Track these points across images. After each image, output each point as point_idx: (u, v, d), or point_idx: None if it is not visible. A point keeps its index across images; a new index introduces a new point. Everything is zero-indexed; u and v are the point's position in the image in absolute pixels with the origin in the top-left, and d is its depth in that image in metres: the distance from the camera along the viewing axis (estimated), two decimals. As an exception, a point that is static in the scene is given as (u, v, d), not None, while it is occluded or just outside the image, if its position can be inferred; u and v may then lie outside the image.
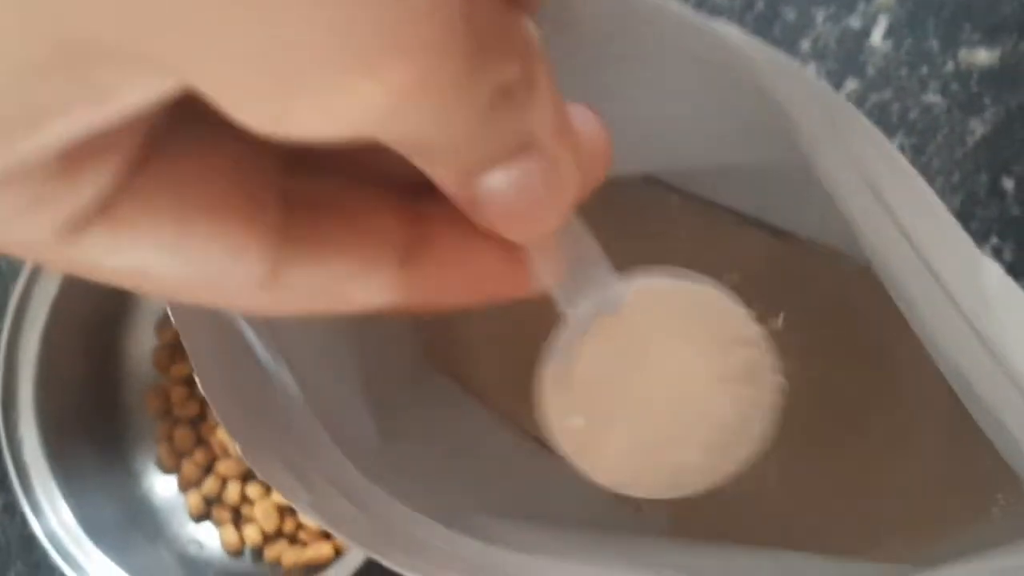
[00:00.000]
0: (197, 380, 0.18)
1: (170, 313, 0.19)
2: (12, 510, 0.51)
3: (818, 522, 0.26)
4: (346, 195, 0.15)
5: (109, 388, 0.47)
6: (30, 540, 0.50)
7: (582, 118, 0.15)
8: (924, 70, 0.44)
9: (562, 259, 0.17)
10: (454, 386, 0.29)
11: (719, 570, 0.20)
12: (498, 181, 0.14)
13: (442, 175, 0.14)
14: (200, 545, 0.46)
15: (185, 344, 0.18)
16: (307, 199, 0.14)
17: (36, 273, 0.42)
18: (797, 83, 0.18)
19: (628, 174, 0.25)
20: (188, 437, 0.47)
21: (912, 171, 0.18)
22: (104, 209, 0.13)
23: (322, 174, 0.15)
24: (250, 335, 0.20)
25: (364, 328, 0.26)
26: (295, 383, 0.20)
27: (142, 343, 0.48)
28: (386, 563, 0.18)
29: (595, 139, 0.15)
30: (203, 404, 0.47)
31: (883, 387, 0.27)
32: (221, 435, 0.46)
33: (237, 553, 0.45)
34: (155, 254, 0.13)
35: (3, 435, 0.43)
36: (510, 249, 0.16)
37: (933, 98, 0.44)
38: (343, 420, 0.21)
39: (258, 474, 0.17)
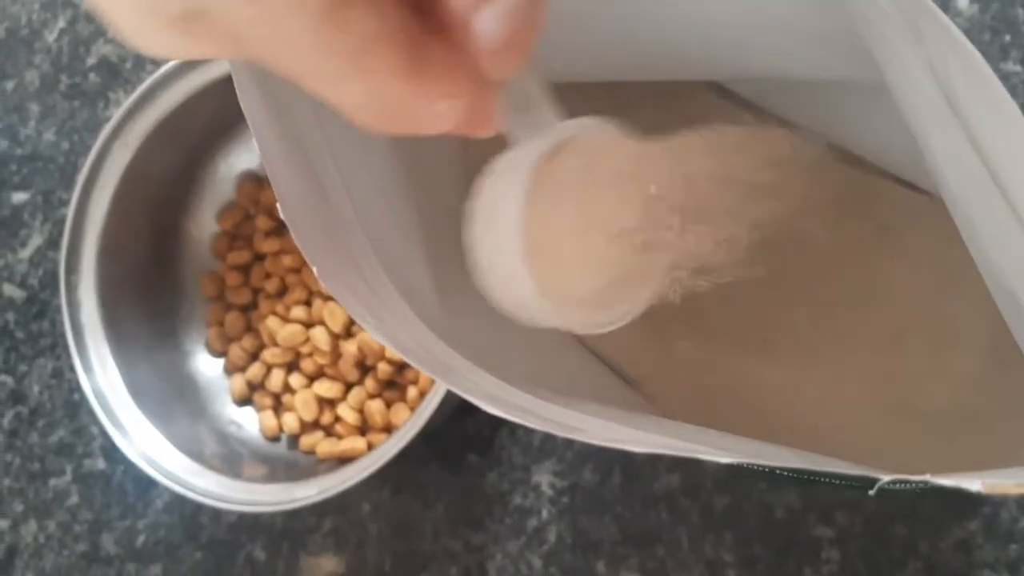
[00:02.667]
0: (279, 207, 0.18)
1: (257, 144, 0.19)
2: (60, 376, 0.53)
3: (849, 438, 0.26)
4: None
5: (167, 266, 0.48)
6: (75, 407, 0.52)
7: None
8: (1007, 38, 0.43)
9: (513, 102, 0.19)
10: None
11: (746, 454, 0.20)
12: (492, 11, 0.16)
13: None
14: (239, 426, 0.47)
15: (269, 174, 0.18)
16: None
17: (110, 141, 0.43)
18: None
19: (700, 79, 0.26)
20: (238, 323, 0.48)
21: (994, 79, 0.18)
22: None
23: None
24: (324, 175, 0.20)
25: (422, 183, 0.26)
26: (363, 230, 0.21)
27: (203, 227, 0.49)
28: (449, 385, 0.19)
29: None
30: (255, 292, 0.48)
31: (926, 311, 0.27)
32: (270, 324, 0.47)
33: (274, 438, 0.47)
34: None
35: (63, 295, 0.44)
36: (484, 84, 0.18)
37: (1013, 67, 0.43)
38: (406, 272, 0.21)
39: (333, 295, 0.18)
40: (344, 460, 0.44)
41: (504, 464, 0.46)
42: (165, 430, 0.44)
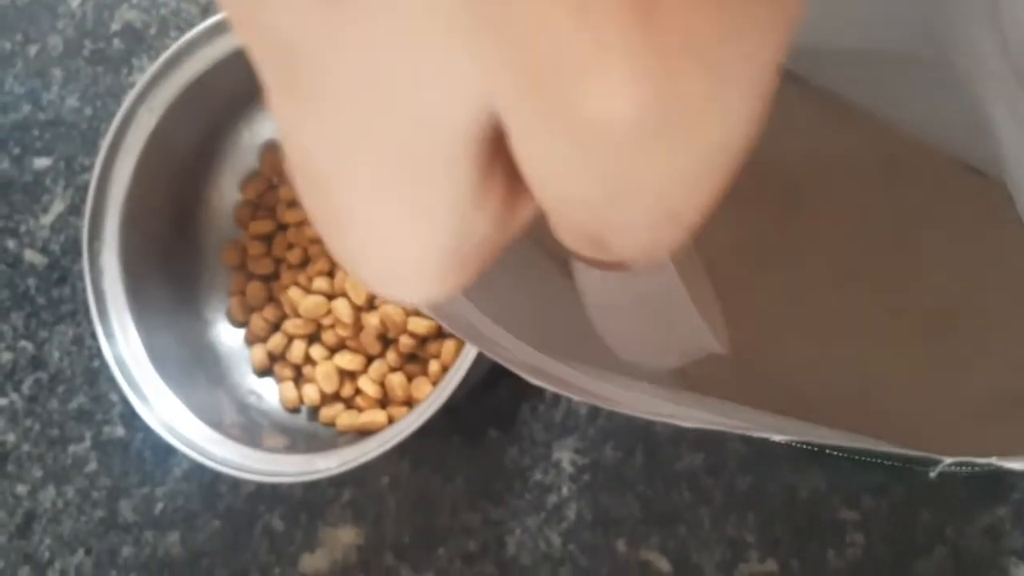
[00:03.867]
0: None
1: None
2: (80, 343, 0.53)
3: (888, 419, 0.26)
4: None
5: (190, 235, 0.48)
6: (95, 374, 0.52)
7: None
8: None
9: None
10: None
11: (799, 432, 0.19)
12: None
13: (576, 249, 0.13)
14: (259, 397, 0.47)
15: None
16: None
17: (135, 106, 0.43)
18: None
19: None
20: (260, 293, 0.48)
21: None
22: None
23: None
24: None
25: None
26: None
27: (226, 196, 0.49)
28: (487, 352, 0.18)
29: None
30: (277, 263, 0.48)
31: (974, 292, 0.26)
32: (292, 294, 0.46)
33: (294, 410, 0.46)
34: None
35: (86, 262, 0.44)
36: None
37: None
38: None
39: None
40: (364, 433, 0.44)
41: (525, 440, 0.46)
42: (185, 398, 0.43)
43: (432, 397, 0.39)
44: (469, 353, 0.39)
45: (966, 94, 0.19)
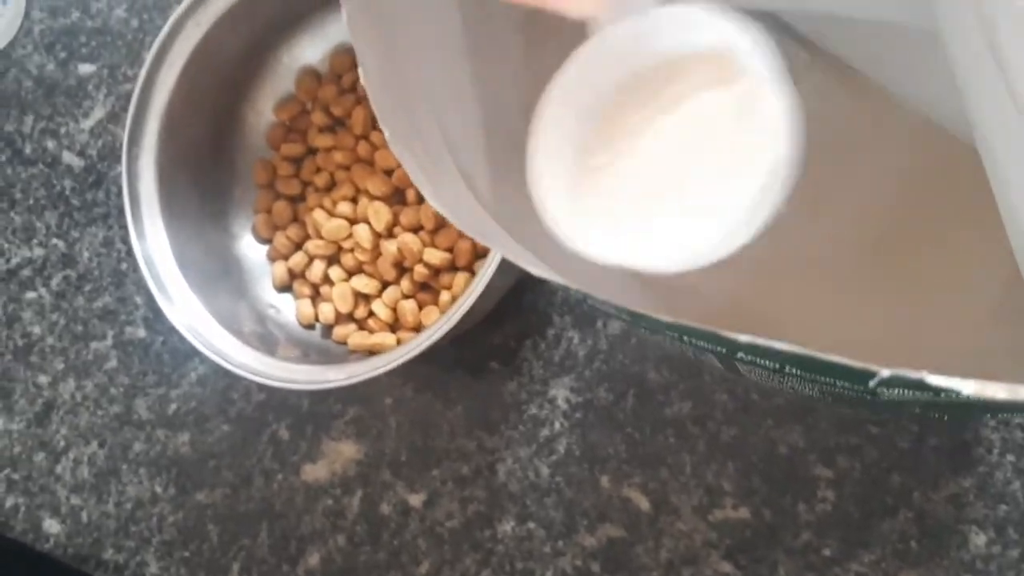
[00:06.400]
0: (360, 72, 0.20)
1: (345, 17, 0.20)
2: (110, 245, 0.55)
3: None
4: None
5: (224, 149, 0.50)
6: (122, 276, 0.54)
7: None
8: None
9: None
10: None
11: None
12: None
13: None
14: (277, 311, 0.49)
15: (354, 42, 0.20)
16: None
17: (183, 18, 0.45)
18: None
19: (761, 7, 0.26)
20: (286, 212, 0.50)
21: None
22: None
23: None
24: (401, 48, 0.21)
25: (485, 75, 0.27)
26: (431, 107, 0.22)
27: (261, 115, 0.51)
28: (501, 252, 0.20)
29: None
30: (304, 185, 0.50)
31: (945, 253, 0.28)
32: (316, 216, 0.48)
33: (309, 326, 0.49)
34: None
35: (124, 165, 0.46)
36: None
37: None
38: (465, 157, 0.23)
39: (399, 159, 0.19)
40: (373, 353, 0.46)
41: (524, 375, 0.48)
42: (208, 304, 0.46)
43: (440, 322, 0.42)
44: (478, 286, 0.41)
45: (950, 66, 0.21)
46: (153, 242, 0.46)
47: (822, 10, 0.25)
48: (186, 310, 0.45)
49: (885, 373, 0.16)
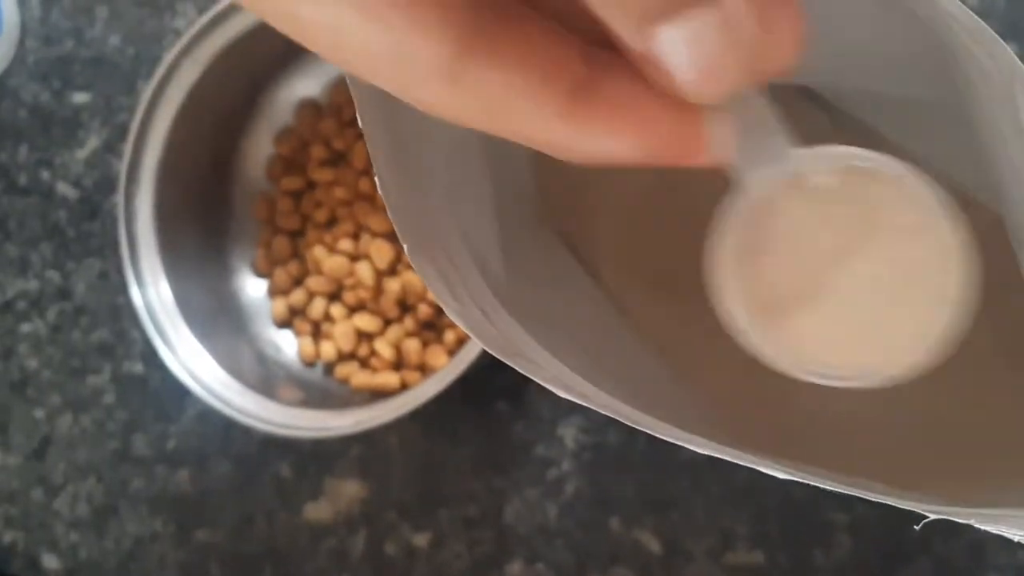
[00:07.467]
0: (376, 179, 0.19)
1: (358, 111, 0.20)
2: (106, 277, 0.54)
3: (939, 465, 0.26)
4: (535, 18, 0.15)
5: (223, 185, 0.49)
6: (119, 309, 0.53)
7: None
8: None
9: (737, 126, 0.16)
10: (566, 253, 0.30)
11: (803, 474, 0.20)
12: (672, 33, 0.14)
13: (617, 23, 0.14)
14: (278, 349, 0.48)
15: (368, 144, 0.19)
16: (496, 9, 0.15)
17: (180, 57, 0.44)
18: (970, 28, 0.18)
19: (787, 82, 0.26)
20: (285, 248, 0.49)
21: None
22: None
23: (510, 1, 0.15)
24: (416, 141, 0.20)
25: (496, 162, 0.26)
26: (446, 195, 0.21)
27: (260, 149, 0.50)
28: (517, 367, 0.19)
29: (787, 10, 0.15)
30: (304, 219, 0.49)
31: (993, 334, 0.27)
32: (316, 252, 0.47)
33: (311, 364, 0.48)
34: (352, 12, 0.14)
35: (121, 205, 0.45)
36: (685, 110, 0.16)
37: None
38: (479, 242, 0.22)
39: (418, 274, 0.19)
40: (377, 393, 0.45)
41: (532, 416, 0.47)
42: (207, 343, 0.45)
43: (450, 367, 0.41)
44: (486, 328, 0.40)
45: (986, 155, 0.20)
46: (151, 285, 0.45)
47: (855, 87, 0.24)
48: (185, 353, 0.44)
49: (931, 517, 0.15)
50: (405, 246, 0.18)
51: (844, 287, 0.18)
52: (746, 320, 0.18)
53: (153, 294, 0.45)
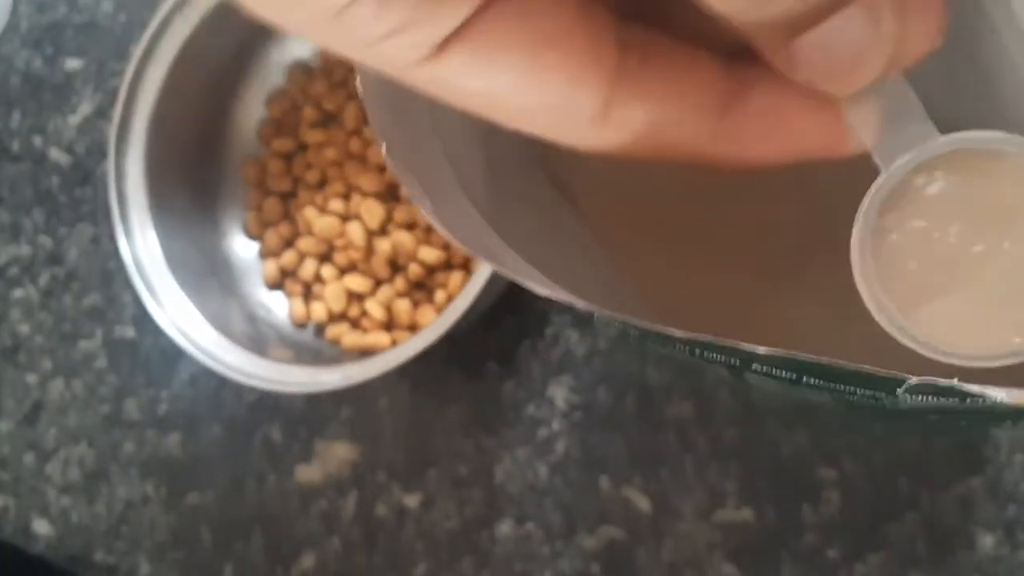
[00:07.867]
0: (358, 81, 0.19)
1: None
2: (98, 243, 0.54)
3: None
4: (673, 46, 0.16)
5: (213, 146, 0.49)
6: (110, 274, 0.53)
7: None
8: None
9: (881, 114, 0.16)
10: (552, 188, 0.30)
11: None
12: (816, 38, 0.14)
13: (763, 37, 0.15)
14: (268, 310, 0.48)
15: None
16: (639, 46, 0.16)
17: (171, 14, 0.44)
18: None
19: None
20: (277, 209, 0.49)
21: None
22: (463, 35, 0.14)
23: (649, 31, 0.16)
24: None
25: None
26: (429, 115, 0.21)
27: (251, 112, 0.50)
28: (497, 268, 0.19)
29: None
30: (295, 181, 0.49)
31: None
32: (307, 213, 0.47)
33: (301, 325, 0.48)
34: (505, 79, 0.15)
35: (112, 164, 0.45)
36: (828, 106, 0.16)
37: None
38: (464, 166, 0.22)
39: (395, 174, 0.19)
40: (367, 353, 0.45)
41: (522, 375, 0.47)
42: (198, 304, 0.45)
43: (436, 323, 0.41)
44: (475, 285, 0.40)
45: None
46: (141, 242, 0.45)
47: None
48: (175, 311, 0.44)
49: (913, 380, 0.15)
50: (383, 147, 0.18)
51: (985, 266, 0.18)
52: (892, 309, 0.18)
53: (143, 251, 0.45)
